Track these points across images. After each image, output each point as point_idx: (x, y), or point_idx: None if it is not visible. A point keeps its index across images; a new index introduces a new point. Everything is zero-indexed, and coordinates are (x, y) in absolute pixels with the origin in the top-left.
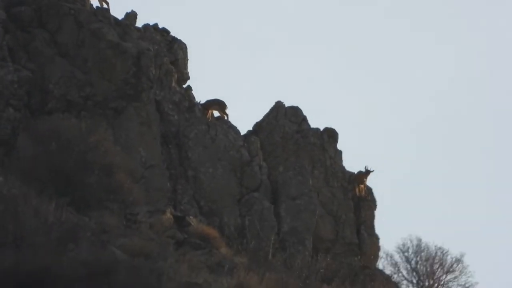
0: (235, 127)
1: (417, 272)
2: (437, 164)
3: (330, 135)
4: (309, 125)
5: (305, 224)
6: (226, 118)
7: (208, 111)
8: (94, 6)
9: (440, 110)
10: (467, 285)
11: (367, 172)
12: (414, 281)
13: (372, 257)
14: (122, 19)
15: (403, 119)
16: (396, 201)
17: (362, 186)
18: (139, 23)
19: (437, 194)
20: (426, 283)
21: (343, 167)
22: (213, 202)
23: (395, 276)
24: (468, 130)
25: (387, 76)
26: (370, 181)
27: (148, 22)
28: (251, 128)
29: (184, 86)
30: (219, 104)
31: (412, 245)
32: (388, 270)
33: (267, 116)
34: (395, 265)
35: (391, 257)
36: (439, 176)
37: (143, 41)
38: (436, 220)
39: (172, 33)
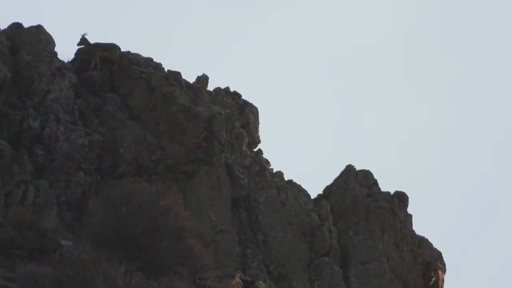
0: (306, 191)
1: None
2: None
3: (401, 199)
4: (379, 189)
5: None
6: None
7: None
8: (166, 70)
9: None
10: None
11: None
12: None
13: None
14: (194, 82)
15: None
16: (466, 263)
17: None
18: (210, 87)
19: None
20: None
21: (413, 231)
22: (283, 267)
23: None
24: None
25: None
26: (439, 245)
27: (220, 86)
28: (321, 192)
29: (255, 149)
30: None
31: None
32: None
33: (337, 179)
34: None
35: None
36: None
37: (215, 104)
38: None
39: (244, 97)
